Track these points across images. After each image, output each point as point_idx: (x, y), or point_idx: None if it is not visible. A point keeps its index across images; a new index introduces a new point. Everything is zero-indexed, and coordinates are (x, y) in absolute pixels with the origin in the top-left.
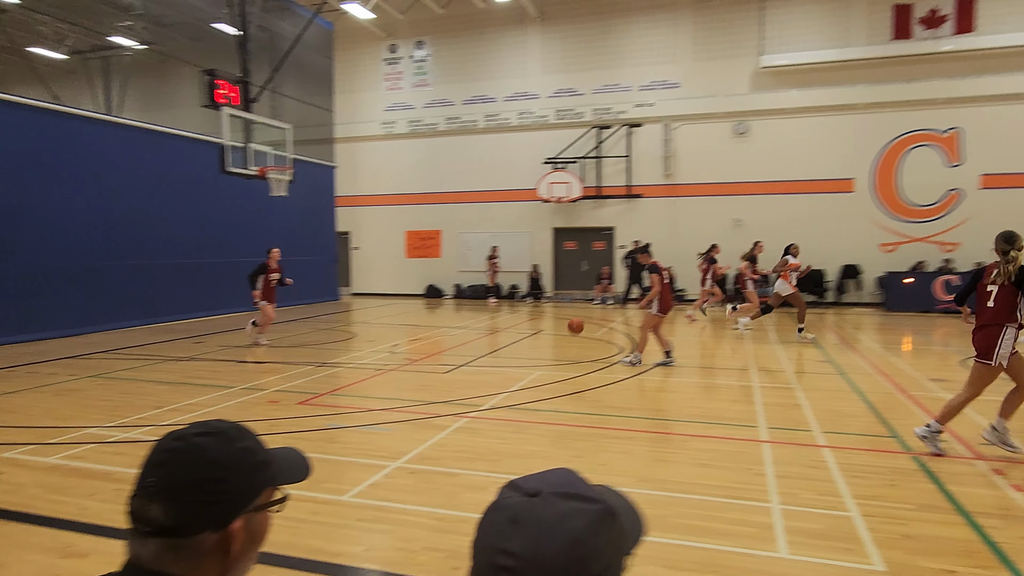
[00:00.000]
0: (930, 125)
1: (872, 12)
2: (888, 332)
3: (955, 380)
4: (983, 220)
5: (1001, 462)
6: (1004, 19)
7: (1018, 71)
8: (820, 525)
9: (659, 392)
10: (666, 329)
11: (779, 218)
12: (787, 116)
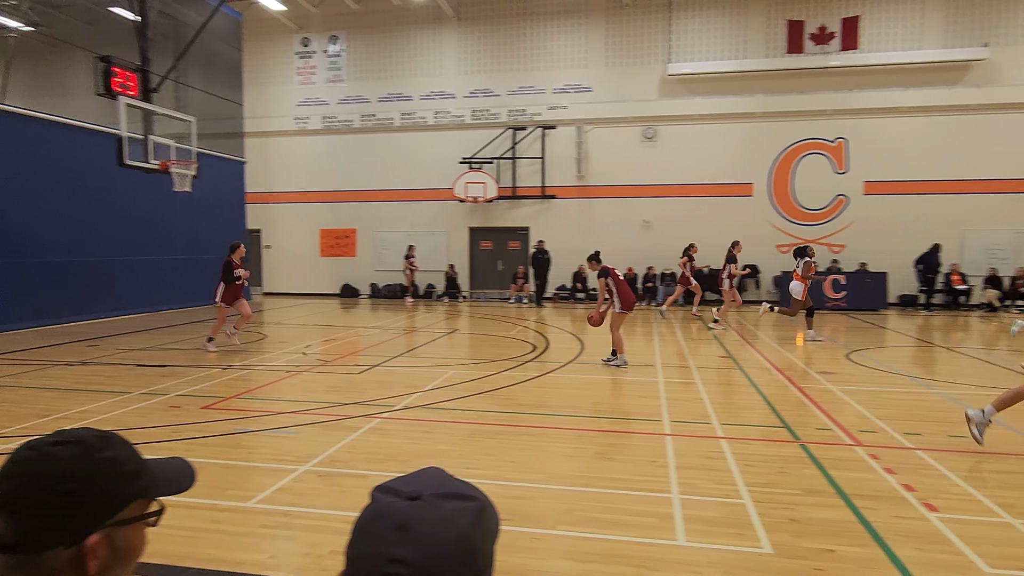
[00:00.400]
0: (820, 135)
1: (768, 27)
2: (783, 329)
3: (841, 373)
4: (866, 223)
5: (877, 447)
6: (884, 38)
7: (896, 87)
8: (716, 513)
9: (570, 389)
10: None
11: (685, 220)
12: (692, 122)
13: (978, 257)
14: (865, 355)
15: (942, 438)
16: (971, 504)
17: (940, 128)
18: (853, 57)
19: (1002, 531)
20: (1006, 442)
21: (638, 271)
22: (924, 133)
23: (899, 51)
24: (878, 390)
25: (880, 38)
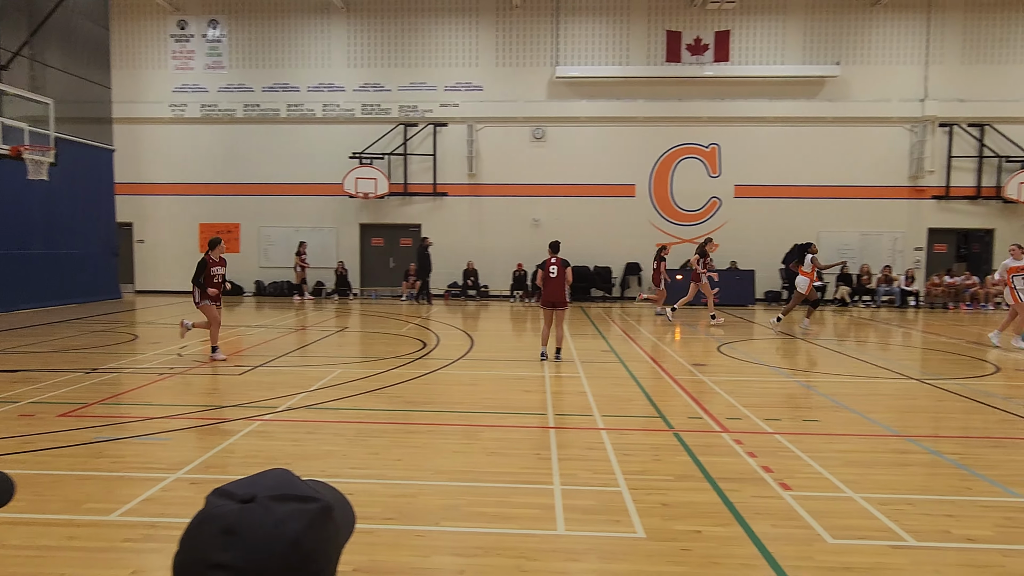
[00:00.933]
0: (696, 140)
1: (649, 35)
2: (662, 323)
3: (713, 364)
4: (737, 224)
5: (741, 433)
6: (752, 52)
7: (762, 98)
8: (594, 501)
9: (459, 385)
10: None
11: (573, 219)
12: (579, 124)
13: (832, 256)
14: (734, 348)
15: (798, 423)
16: (819, 482)
17: (800, 138)
18: (725, 68)
19: (845, 505)
20: (849, 423)
21: (528, 268)
22: (787, 142)
23: (765, 65)
24: (744, 380)
25: (748, 52)
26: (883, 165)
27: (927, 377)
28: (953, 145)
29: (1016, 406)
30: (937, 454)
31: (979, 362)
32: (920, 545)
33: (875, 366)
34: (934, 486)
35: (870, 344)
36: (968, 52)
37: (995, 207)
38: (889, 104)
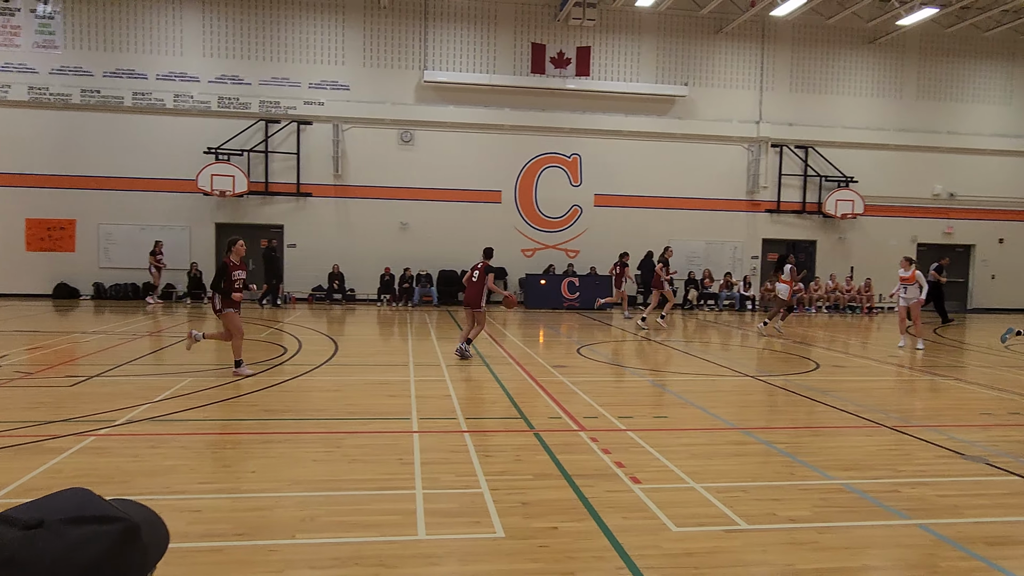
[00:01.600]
0: (559, 150)
1: (515, 46)
2: (526, 327)
3: (574, 367)
4: (596, 232)
5: (597, 431)
6: (610, 69)
7: (619, 112)
8: (456, 504)
9: (322, 392)
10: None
11: (441, 223)
12: (447, 129)
13: (681, 263)
14: (593, 349)
15: (649, 419)
16: (666, 474)
17: (653, 152)
18: (586, 83)
19: (688, 495)
20: (693, 419)
21: (395, 272)
22: (641, 155)
23: (622, 81)
24: (601, 380)
25: (607, 68)
26: (725, 180)
27: (761, 374)
28: (783, 164)
29: (832, 398)
30: (768, 444)
31: (803, 360)
32: (751, 528)
33: (717, 365)
34: (764, 473)
35: (713, 344)
36: (795, 81)
37: (817, 221)
38: (730, 124)
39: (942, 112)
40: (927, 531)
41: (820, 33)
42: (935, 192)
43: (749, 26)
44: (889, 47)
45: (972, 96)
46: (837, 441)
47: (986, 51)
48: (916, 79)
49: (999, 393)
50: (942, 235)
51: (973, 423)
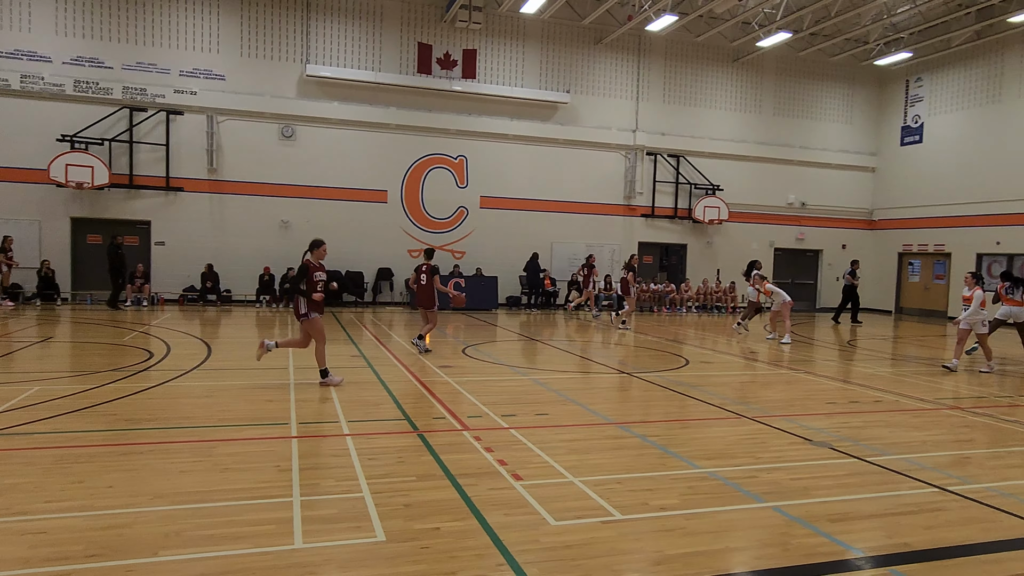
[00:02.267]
0: (445, 151)
1: (401, 45)
2: (413, 328)
3: (460, 367)
4: (482, 233)
5: (481, 430)
6: (496, 73)
7: (505, 116)
8: (335, 510)
9: (192, 399)
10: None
11: (324, 222)
12: (331, 126)
13: (563, 265)
14: (479, 349)
15: (531, 417)
16: (546, 470)
17: (538, 156)
18: (472, 85)
19: (567, 489)
20: (573, 415)
21: (276, 272)
22: (526, 158)
23: (507, 86)
24: (486, 380)
25: (493, 72)
26: (604, 185)
27: (636, 371)
28: (657, 171)
29: (700, 393)
30: (642, 437)
31: (675, 356)
32: (624, 518)
33: (596, 363)
34: (638, 465)
35: (593, 344)
36: (668, 94)
37: (687, 226)
38: (609, 132)
39: (795, 128)
40: (780, 512)
41: (690, 50)
42: (789, 201)
43: (627, 39)
44: (750, 66)
45: (820, 115)
46: (704, 432)
47: (832, 75)
48: (773, 97)
49: (842, 384)
50: (795, 241)
51: (820, 412)
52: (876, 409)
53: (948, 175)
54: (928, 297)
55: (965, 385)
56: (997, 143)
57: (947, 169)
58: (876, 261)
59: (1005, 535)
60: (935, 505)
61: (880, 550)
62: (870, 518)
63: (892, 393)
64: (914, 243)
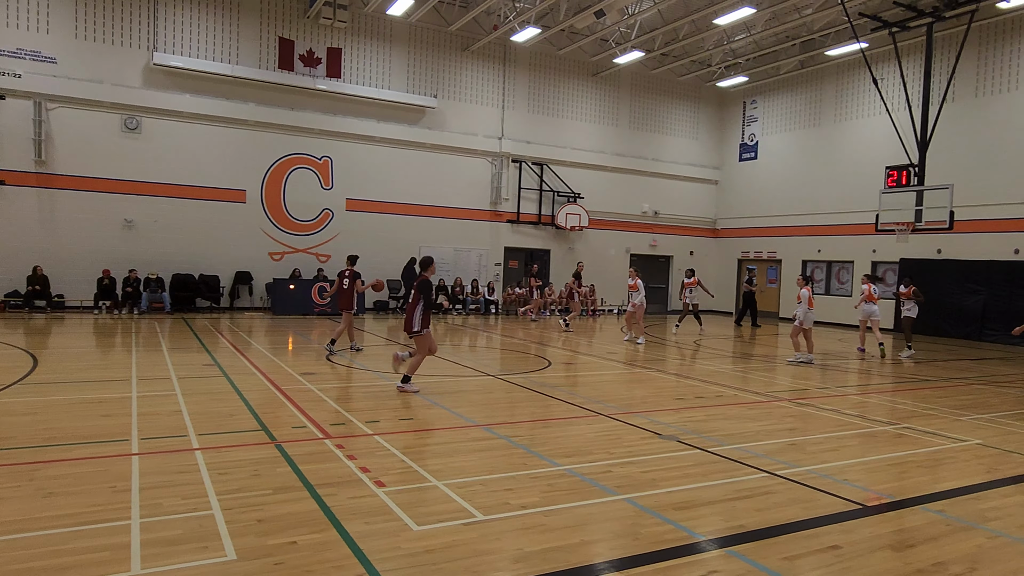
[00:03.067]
0: (309, 151)
1: (261, 38)
2: (274, 334)
3: (323, 373)
4: (348, 236)
5: (343, 438)
6: (362, 74)
7: (372, 118)
8: (180, 530)
9: (10, 416)
10: None
11: (175, 222)
12: (183, 120)
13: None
14: (343, 355)
15: (395, 422)
16: (410, 475)
17: (405, 159)
18: (337, 85)
19: (430, 493)
20: (438, 419)
21: (117, 275)
22: (394, 161)
23: (373, 87)
24: (350, 386)
25: (359, 73)
26: (471, 190)
27: (502, 373)
28: (522, 179)
29: (562, 393)
30: (506, 438)
31: (539, 358)
32: (487, 518)
33: (463, 366)
34: (501, 466)
35: (461, 347)
36: (533, 103)
37: (551, 232)
38: (476, 138)
39: (648, 141)
40: (632, 504)
41: (553, 62)
42: (643, 210)
43: (493, 47)
44: (608, 81)
45: (670, 130)
46: (565, 431)
47: (680, 93)
48: (629, 111)
49: (690, 381)
50: (649, 247)
51: (669, 407)
52: (718, 403)
53: (778, 189)
54: (763, 299)
55: (792, 379)
56: (818, 162)
57: (778, 184)
58: (719, 267)
59: (823, 511)
60: (766, 489)
61: (719, 533)
62: (710, 504)
63: (732, 388)
64: (751, 250)
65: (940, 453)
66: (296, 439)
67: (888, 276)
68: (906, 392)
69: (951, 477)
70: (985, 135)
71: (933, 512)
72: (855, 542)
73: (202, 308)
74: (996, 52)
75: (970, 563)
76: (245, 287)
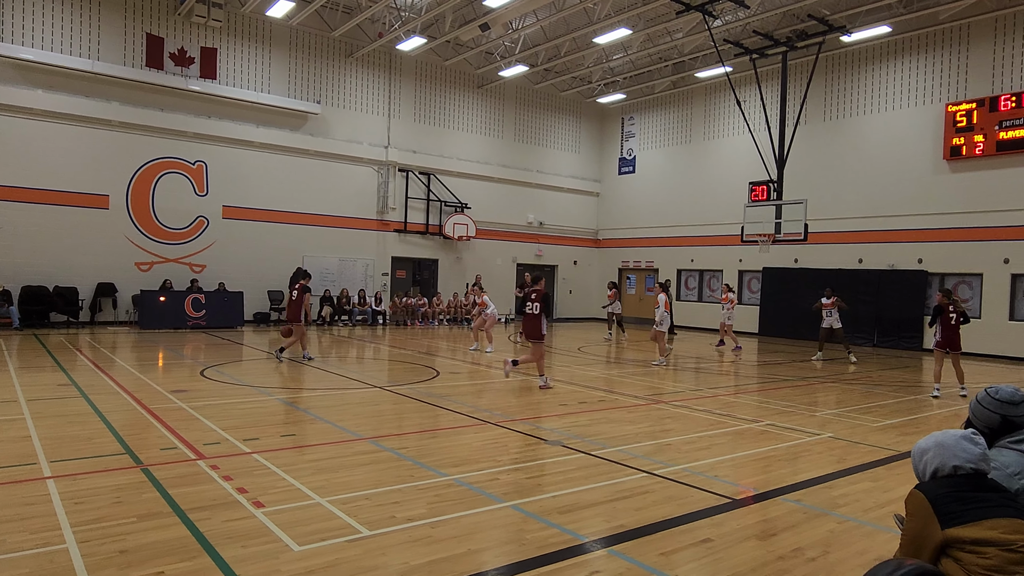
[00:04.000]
0: (181, 155)
1: (126, 34)
2: (141, 350)
3: (197, 390)
4: (226, 245)
5: (218, 458)
6: (240, 76)
7: (251, 122)
8: (27, 569)
9: None
10: None
11: (26, 229)
12: (33, 117)
13: (315, 279)
14: (221, 370)
15: (276, 439)
16: (292, 494)
17: (287, 166)
18: (212, 86)
19: (312, 511)
20: (322, 433)
21: None
22: (275, 168)
23: (252, 91)
24: (226, 402)
25: (236, 75)
26: (357, 199)
27: (388, 384)
28: (409, 188)
29: (450, 402)
30: (390, 450)
31: (427, 368)
32: (372, 534)
33: (348, 378)
34: (387, 479)
35: (347, 359)
36: (419, 113)
37: (438, 242)
38: (361, 146)
39: (533, 153)
40: (518, 510)
41: (439, 72)
42: (529, 220)
43: (379, 56)
44: (494, 93)
45: (553, 143)
46: (452, 441)
47: (562, 108)
48: (514, 123)
49: (573, 387)
50: (535, 257)
51: (554, 413)
52: (600, 407)
53: (655, 202)
54: (642, 307)
55: (669, 382)
56: (690, 177)
57: (654, 197)
58: (602, 276)
59: (696, 507)
60: (644, 488)
61: (601, 533)
62: (593, 506)
63: (613, 392)
64: (631, 260)
65: (798, 447)
66: (165, 461)
67: (753, 283)
68: (769, 391)
69: (807, 469)
70: (833, 155)
71: (792, 502)
72: (725, 534)
73: (57, 323)
74: (841, 80)
75: (823, 547)
76: (108, 300)
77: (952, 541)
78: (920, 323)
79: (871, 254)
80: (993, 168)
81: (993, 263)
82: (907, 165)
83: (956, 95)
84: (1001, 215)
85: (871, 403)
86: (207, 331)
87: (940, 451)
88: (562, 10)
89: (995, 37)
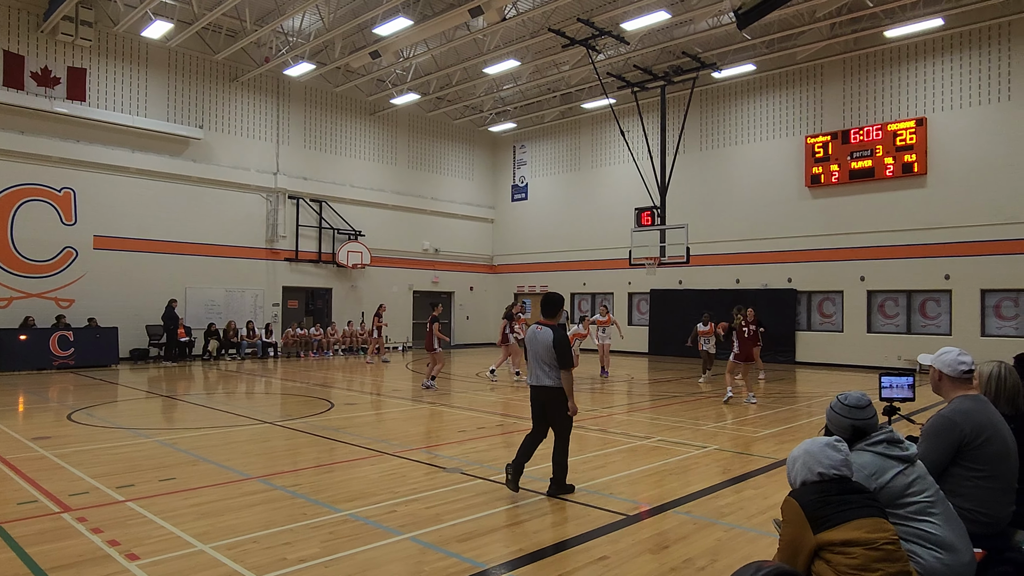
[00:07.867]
0: (44, 181)
1: None
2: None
3: (60, 436)
4: (97, 278)
5: (86, 509)
6: (111, 99)
7: (125, 147)
8: None
9: None
10: None
11: None
12: None
13: (199, 311)
14: (91, 413)
15: (153, 484)
16: (171, 543)
17: (167, 193)
18: (80, 109)
19: (195, 559)
20: (205, 475)
21: None
22: (153, 195)
23: (126, 114)
24: (97, 447)
25: (107, 97)
26: (244, 227)
27: (279, 419)
28: (300, 216)
29: (346, 435)
30: (282, 489)
31: (321, 400)
32: None
33: (235, 415)
34: (277, 519)
35: (236, 394)
36: (309, 139)
37: (332, 270)
38: (248, 173)
39: (427, 181)
40: (416, 542)
41: (330, 99)
42: (424, 247)
43: (266, 80)
44: (386, 120)
45: (447, 170)
46: (348, 474)
47: (456, 136)
48: (407, 151)
49: (471, 413)
50: (431, 284)
51: (453, 440)
52: (499, 432)
53: (547, 227)
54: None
55: None
56: (580, 203)
57: (547, 223)
58: (498, 301)
59: (593, 526)
60: (543, 511)
61: (501, 559)
62: (492, 532)
63: (511, 416)
64: (525, 284)
65: (687, 460)
66: (23, 517)
67: (641, 305)
68: (659, 408)
69: (696, 481)
70: (710, 183)
71: (683, 514)
72: (620, 550)
73: None
74: (715, 113)
75: (711, 556)
76: None
77: (824, 544)
78: (792, 337)
79: (747, 274)
80: (848, 195)
81: (851, 281)
82: (775, 192)
83: (813, 128)
84: (857, 237)
85: (751, 415)
86: (76, 371)
87: (807, 459)
88: (452, 40)
89: (844, 76)
